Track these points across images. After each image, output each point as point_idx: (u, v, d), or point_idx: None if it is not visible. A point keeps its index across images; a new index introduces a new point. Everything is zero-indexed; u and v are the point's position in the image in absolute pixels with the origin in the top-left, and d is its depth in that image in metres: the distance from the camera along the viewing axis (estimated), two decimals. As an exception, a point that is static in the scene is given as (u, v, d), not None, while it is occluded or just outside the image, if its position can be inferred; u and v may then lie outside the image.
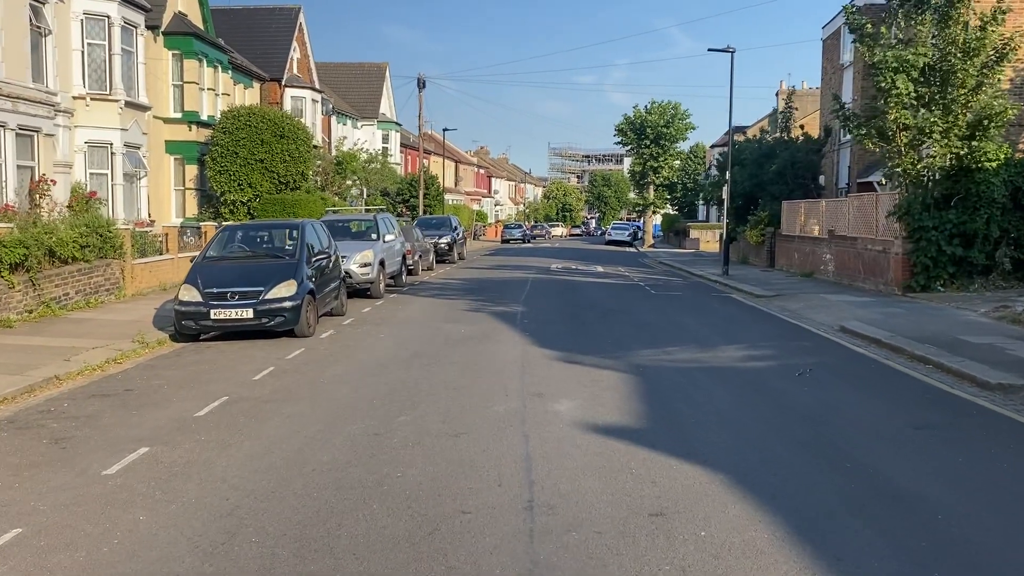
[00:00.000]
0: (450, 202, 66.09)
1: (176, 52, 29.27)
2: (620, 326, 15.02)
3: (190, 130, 29.73)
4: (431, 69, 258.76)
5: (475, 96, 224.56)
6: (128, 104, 25.10)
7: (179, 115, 29.54)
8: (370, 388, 9.69)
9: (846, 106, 20.37)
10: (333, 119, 46.38)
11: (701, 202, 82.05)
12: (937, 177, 19.06)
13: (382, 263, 20.25)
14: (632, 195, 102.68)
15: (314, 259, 14.82)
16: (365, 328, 14.87)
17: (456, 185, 78.84)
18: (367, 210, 28.21)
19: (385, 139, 54.16)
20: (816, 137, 36.21)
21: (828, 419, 8.33)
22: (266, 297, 13.31)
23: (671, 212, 75.86)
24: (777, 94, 64.61)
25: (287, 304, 13.35)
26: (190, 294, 13.41)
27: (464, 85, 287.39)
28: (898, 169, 19.32)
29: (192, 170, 30.12)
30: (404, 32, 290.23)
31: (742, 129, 69.51)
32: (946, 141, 18.48)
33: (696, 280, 27.32)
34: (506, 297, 20.05)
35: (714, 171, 65.97)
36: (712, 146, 70.10)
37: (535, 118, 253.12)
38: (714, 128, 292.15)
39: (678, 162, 64.11)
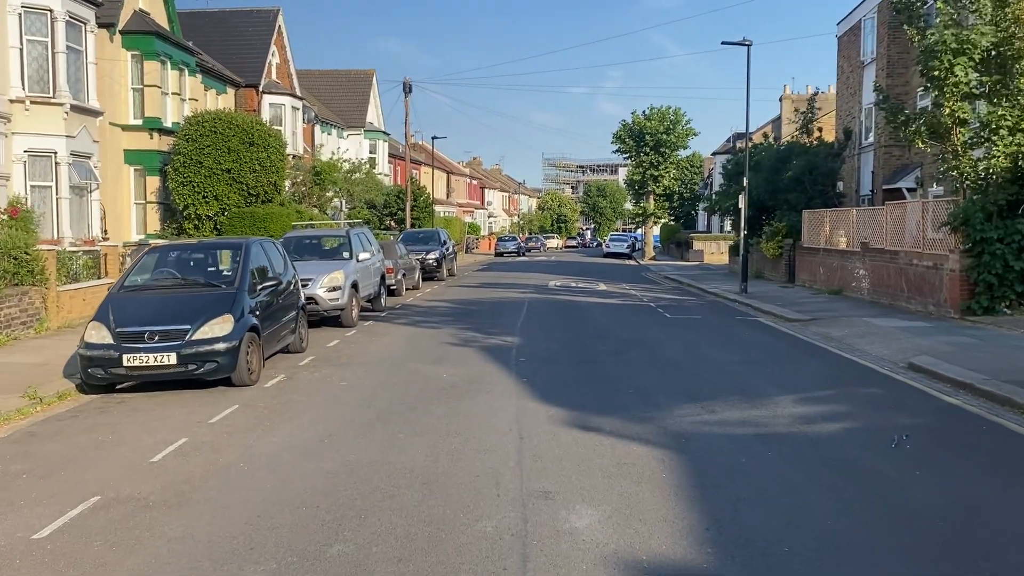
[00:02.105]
0: (441, 214, 63.34)
1: (135, 53, 26.53)
2: (641, 366, 12.19)
3: (151, 138, 26.98)
4: (431, 93, 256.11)
5: (467, 102, 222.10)
6: (75, 108, 22.31)
7: (139, 122, 26.80)
8: (305, 479, 6.85)
9: (889, 99, 17.51)
10: (317, 128, 43.60)
11: (703, 211, 79.60)
12: (1001, 180, 16.31)
13: (355, 286, 17.44)
14: (628, 205, 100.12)
15: (262, 286, 12.00)
16: (325, 371, 12.02)
17: (448, 197, 76.10)
18: (350, 224, 25.45)
19: (372, 149, 51.37)
20: (830, 141, 33.60)
21: (985, 539, 5.52)
22: (193, 338, 10.49)
23: (669, 223, 73.18)
24: (781, 99, 62.13)
25: (220, 346, 10.52)
26: (99, 334, 10.59)
27: (455, 92, 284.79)
28: (953, 172, 16.59)
29: (154, 182, 27.35)
30: (395, 45, 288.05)
31: (744, 136, 66.87)
32: (1012, 138, 15.76)
33: (712, 299, 24.51)
34: (499, 324, 17.25)
35: (718, 179, 63.36)
36: (714, 153, 67.44)
37: (528, 127, 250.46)
38: (713, 136, 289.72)
39: (675, 171, 61.03)
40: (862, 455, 7.51)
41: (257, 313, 11.48)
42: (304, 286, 16.27)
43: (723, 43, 24.44)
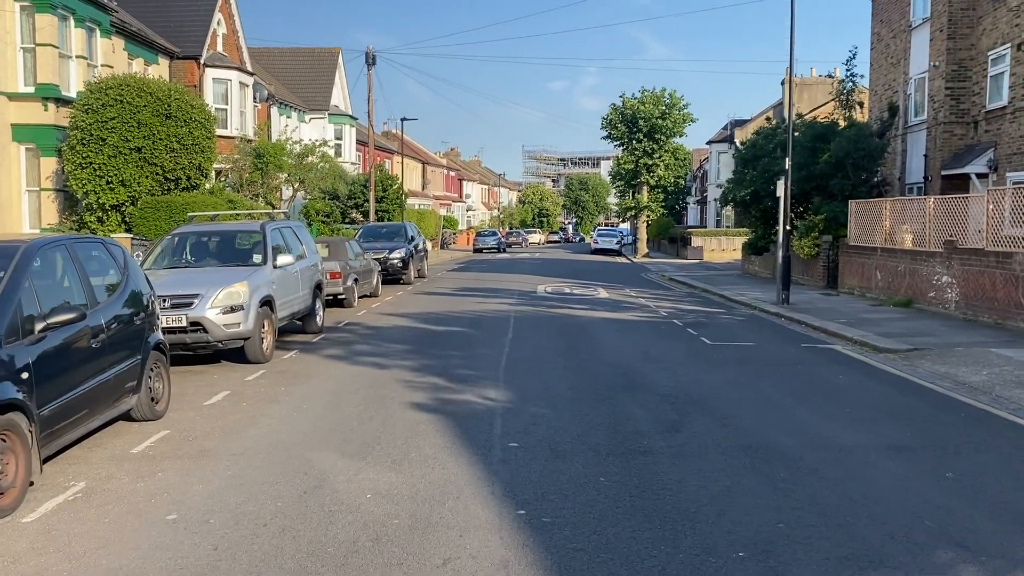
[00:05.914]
0: (416, 207, 58.02)
1: (25, 3, 21.18)
2: (723, 464, 6.86)
3: (46, 110, 21.69)
4: (403, 69, 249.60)
5: (445, 79, 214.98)
6: (-75, 65, 16.99)
7: (30, 89, 21.55)
8: None
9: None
10: (274, 110, 38.08)
11: (693, 204, 74.66)
12: None
13: (268, 303, 12.10)
14: (612, 198, 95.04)
15: (49, 323, 6.65)
16: (160, 477, 6.68)
17: (424, 188, 70.72)
18: (269, 217, 20.05)
19: (338, 135, 45.88)
20: (864, 121, 28.63)
21: None
22: None
23: (662, 217, 68.11)
24: (782, 83, 57.24)
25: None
26: None
27: (430, 66, 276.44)
28: None
29: (50, 164, 22.10)
30: (371, 38, 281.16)
31: (742, 123, 61.99)
32: None
33: (747, 312, 19.27)
34: (475, 361, 11.99)
35: (714, 170, 58.46)
36: (710, 142, 62.31)
37: (509, 115, 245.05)
38: (698, 127, 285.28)
39: (670, 159, 55.70)
40: None
41: (25, 376, 6.19)
42: (189, 305, 11.06)
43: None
